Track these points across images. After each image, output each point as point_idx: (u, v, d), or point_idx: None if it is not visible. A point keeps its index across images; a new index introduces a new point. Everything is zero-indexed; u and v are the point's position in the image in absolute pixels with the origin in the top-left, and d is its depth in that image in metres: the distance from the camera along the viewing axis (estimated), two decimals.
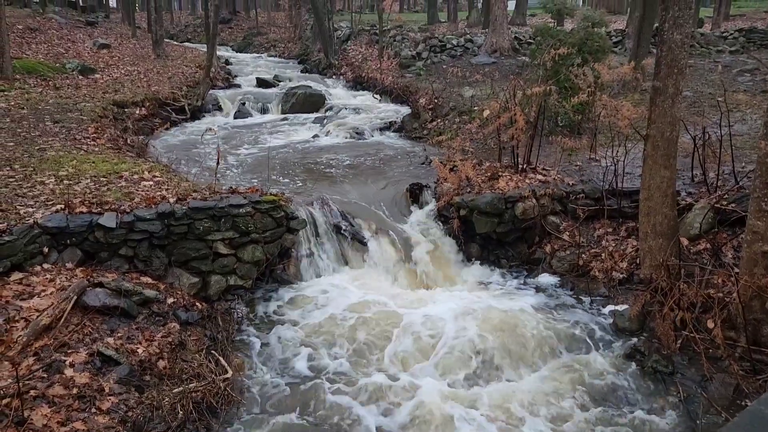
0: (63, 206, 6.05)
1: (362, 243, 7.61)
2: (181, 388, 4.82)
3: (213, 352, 5.54)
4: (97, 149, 8.82)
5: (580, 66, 9.01)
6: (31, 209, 6.01)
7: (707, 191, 7.11)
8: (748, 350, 5.17)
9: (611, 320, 6.27)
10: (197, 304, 6.17)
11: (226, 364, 5.33)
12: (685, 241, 6.34)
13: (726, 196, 6.74)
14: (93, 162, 7.84)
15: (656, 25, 13.38)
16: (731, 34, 19.06)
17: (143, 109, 12.62)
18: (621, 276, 6.83)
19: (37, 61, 14.43)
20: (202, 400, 4.83)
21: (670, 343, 5.59)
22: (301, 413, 4.99)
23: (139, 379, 4.82)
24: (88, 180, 7.08)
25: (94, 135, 9.59)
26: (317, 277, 7.28)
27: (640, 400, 5.17)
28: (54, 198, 6.36)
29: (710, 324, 5.37)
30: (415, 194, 8.56)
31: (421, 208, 8.41)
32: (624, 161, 7.53)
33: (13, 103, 10.74)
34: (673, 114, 6.04)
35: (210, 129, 9.85)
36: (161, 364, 5.04)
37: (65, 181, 6.94)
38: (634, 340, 5.89)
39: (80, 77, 14.14)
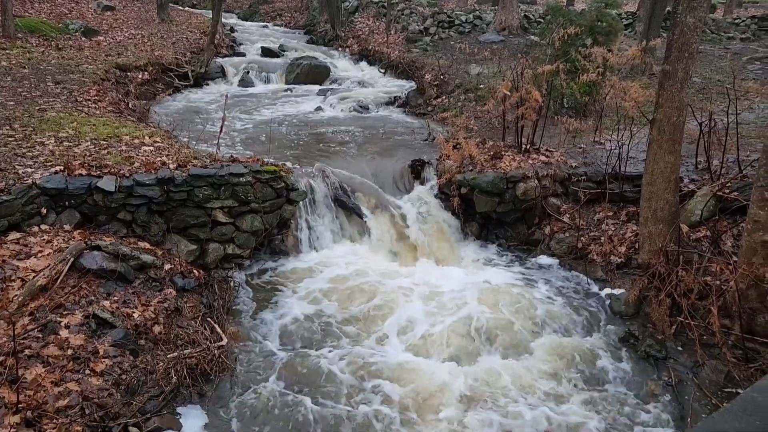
0: (62, 168, 6.02)
1: (361, 217, 7.59)
2: (175, 354, 4.85)
3: (209, 319, 5.57)
4: (98, 112, 8.75)
5: (590, 47, 8.87)
6: (30, 169, 5.98)
7: (710, 179, 7.06)
8: (741, 338, 5.18)
9: (607, 303, 6.29)
10: (194, 271, 6.18)
11: (221, 332, 5.36)
12: (685, 228, 6.32)
13: (729, 184, 6.70)
14: (94, 125, 7.78)
15: (668, 8, 13.20)
16: (743, 21, 18.80)
17: (146, 73, 12.49)
18: (619, 260, 6.82)
19: (39, 21, 14.24)
20: (196, 366, 4.87)
21: (665, 328, 5.60)
22: (294, 383, 5.02)
23: (134, 343, 4.84)
24: (88, 142, 7.03)
25: (96, 98, 9.50)
26: (315, 250, 7.28)
27: (632, 383, 5.20)
28: (53, 159, 6.32)
29: (707, 311, 5.37)
30: (416, 170, 8.51)
31: (422, 184, 8.37)
32: (628, 145, 7.47)
33: (14, 62, 10.63)
34: (681, 99, 5.97)
35: (226, 96, 9.79)
36: (156, 329, 5.06)
37: (65, 143, 6.90)
38: (629, 324, 5.91)
39: (83, 39, 13.96)
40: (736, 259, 5.48)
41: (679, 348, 5.50)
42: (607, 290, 6.52)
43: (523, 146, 8.29)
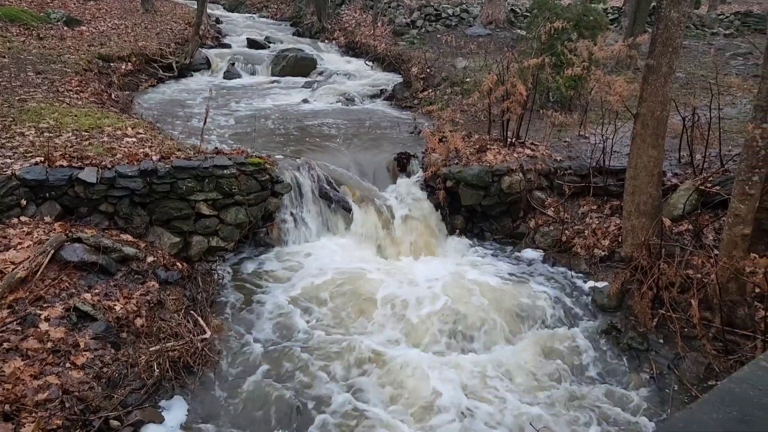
0: (43, 159, 5.93)
1: (347, 210, 7.56)
2: (158, 347, 4.81)
3: (192, 312, 5.52)
4: (80, 103, 8.63)
5: (576, 41, 8.90)
6: (9, 160, 5.89)
7: (693, 173, 7.13)
8: (722, 331, 5.25)
9: (590, 296, 6.33)
10: (177, 264, 6.13)
11: (204, 325, 5.32)
12: (667, 222, 6.37)
13: (711, 178, 6.77)
14: (75, 115, 7.67)
15: (653, 4, 13.27)
16: (727, 17, 18.96)
17: (129, 64, 12.32)
18: (602, 253, 6.87)
19: (20, 9, 13.99)
20: (178, 359, 4.83)
21: (647, 321, 5.66)
22: (278, 376, 5.00)
23: (116, 336, 4.80)
24: (70, 133, 6.93)
25: (78, 88, 9.37)
26: (300, 243, 7.25)
27: (614, 375, 5.25)
28: (33, 150, 6.23)
29: (688, 303, 5.43)
30: (402, 163, 8.49)
31: (408, 177, 8.35)
32: (613, 139, 7.52)
33: None
34: (665, 93, 6.00)
35: (210, 90, 9.75)
36: (139, 321, 5.02)
37: (46, 134, 6.79)
38: (612, 316, 5.95)
39: (65, 28, 13.74)
40: (717, 253, 5.54)
41: (661, 340, 5.56)
42: (591, 283, 6.56)
43: (509, 140, 8.31)
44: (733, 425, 1.44)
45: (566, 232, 7.29)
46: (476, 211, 7.84)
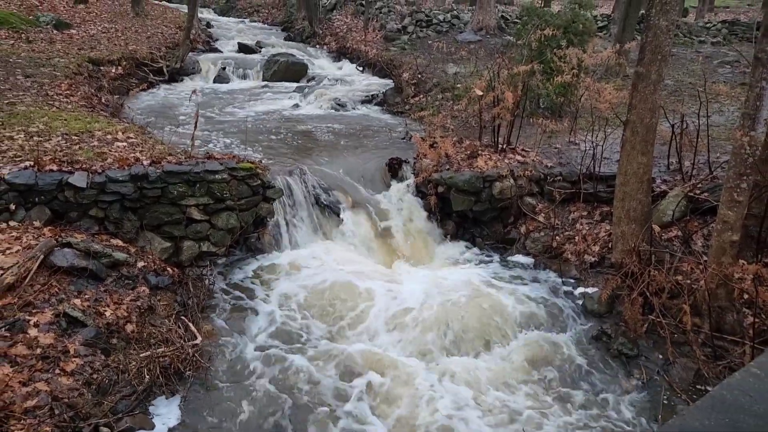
0: (32, 163, 5.88)
1: (338, 215, 7.56)
2: (148, 353, 4.78)
3: (183, 317, 5.49)
4: (69, 107, 8.57)
5: (565, 48, 8.97)
6: None
7: (682, 179, 7.19)
8: (710, 336, 5.29)
9: (581, 302, 6.36)
10: (168, 269, 6.09)
11: (195, 330, 5.29)
12: (657, 228, 6.43)
13: (699, 185, 6.83)
14: (65, 119, 7.62)
15: (642, 11, 13.41)
16: (714, 25, 19.18)
17: (120, 68, 12.27)
18: (593, 259, 6.91)
19: (8, 12, 13.89)
20: (169, 365, 4.80)
21: (637, 327, 5.69)
22: (269, 382, 4.98)
23: (106, 341, 4.76)
24: (59, 138, 6.89)
25: (68, 92, 9.32)
26: (292, 248, 7.23)
27: (604, 381, 5.28)
28: (23, 154, 6.18)
29: (678, 309, 5.47)
30: (394, 169, 8.51)
31: (399, 182, 8.37)
32: (602, 146, 7.57)
33: None
34: (654, 101, 6.06)
35: (194, 91, 9.65)
36: (129, 327, 4.99)
37: (35, 138, 6.74)
38: (602, 322, 5.98)
39: (55, 32, 13.66)
40: (707, 259, 5.60)
41: (651, 346, 5.59)
42: (581, 289, 6.60)
43: (500, 146, 8.35)
44: None
45: (557, 237, 7.33)
46: (468, 216, 7.87)
